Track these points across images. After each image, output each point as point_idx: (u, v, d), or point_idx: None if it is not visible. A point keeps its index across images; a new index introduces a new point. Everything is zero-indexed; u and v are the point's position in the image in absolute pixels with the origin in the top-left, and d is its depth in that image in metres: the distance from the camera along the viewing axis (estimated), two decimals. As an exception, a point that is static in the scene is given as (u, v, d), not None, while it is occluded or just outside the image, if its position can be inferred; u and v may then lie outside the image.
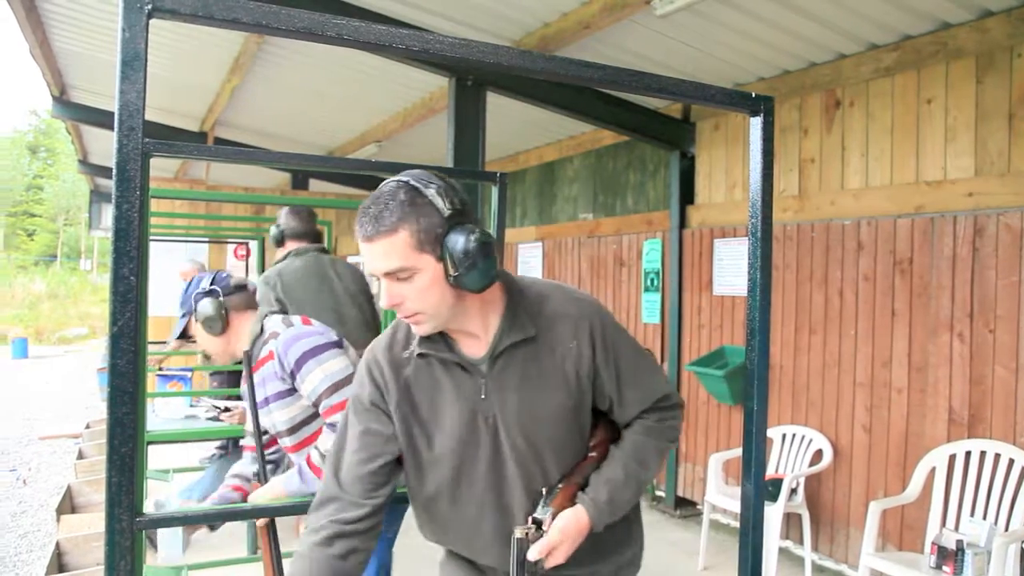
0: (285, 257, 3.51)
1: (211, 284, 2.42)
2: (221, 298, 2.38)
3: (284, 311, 2.51)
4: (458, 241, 1.36)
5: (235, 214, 7.52)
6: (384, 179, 1.46)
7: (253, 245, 7.14)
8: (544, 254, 7.39)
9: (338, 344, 2.34)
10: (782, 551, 4.52)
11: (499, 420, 1.49)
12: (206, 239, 7.44)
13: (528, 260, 7.67)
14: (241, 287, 2.46)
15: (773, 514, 4.01)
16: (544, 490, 1.51)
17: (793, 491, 4.27)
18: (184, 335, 2.46)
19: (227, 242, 7.93)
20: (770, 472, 4.52)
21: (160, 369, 5.37)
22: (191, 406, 4.76)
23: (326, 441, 2.21)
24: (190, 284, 2.43)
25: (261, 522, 2.15)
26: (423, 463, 1.54)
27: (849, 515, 4.35)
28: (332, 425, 2.21)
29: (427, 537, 1.65)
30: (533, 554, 1.43)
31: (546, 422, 1.50)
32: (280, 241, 3.58)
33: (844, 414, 4.38)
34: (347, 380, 2.24)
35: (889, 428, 4.15)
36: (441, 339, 1.51)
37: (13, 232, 40.43)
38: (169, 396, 4.64)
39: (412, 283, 1.39)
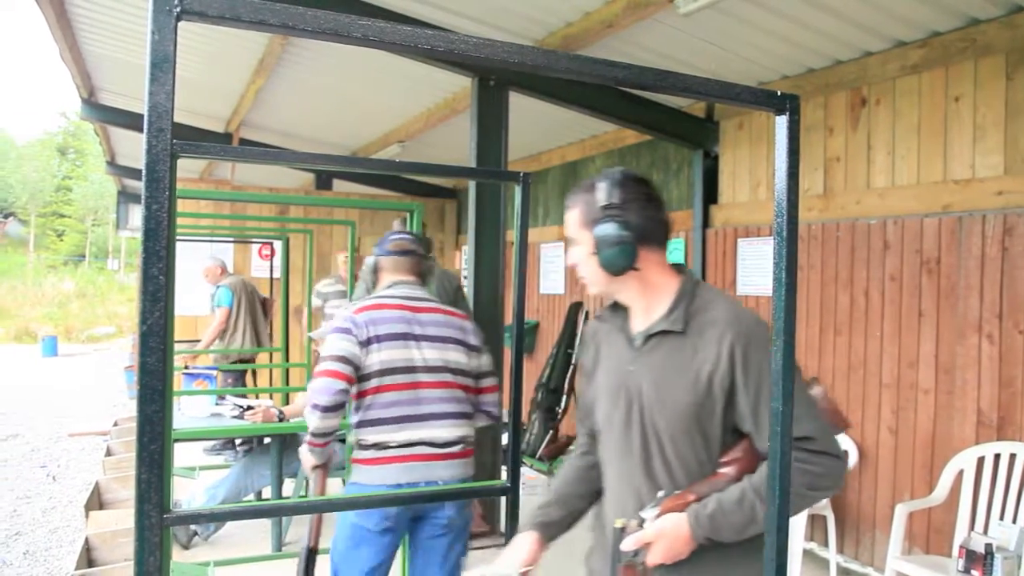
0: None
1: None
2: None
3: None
4: (601, 229, 1.63)
5: (260, 214, 7.55)
6: (407, 179, 1.66)
7: (277, 245, 7.16)
8: (566, 254, 7.38)
9: (346, 330, 2.64)
10: (806, 553, 4.48)
11: (635, 394, 1.65)
12: (231, 239, 7.49)
13: (551, 260, 7.67)
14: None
15: (797, 516, 3.96)
16: (661, 493, 1.59)
17: (818, 493, 4.22)
18: None
19: (252, 242, 7.98)
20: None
21: (186, 368, 5.43)
22: (216, 404, 4.81)
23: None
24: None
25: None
26: (595, 411, 1.78)
27: (875, 517, 4.30)
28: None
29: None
30: (627, 545, 1.55)
31: (669, 415, 1.59)
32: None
33: (870, 415, 4.34)
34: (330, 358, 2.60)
35: (916, 430, 4.10)
36: (623, 310, 1.74)
37: (43, 232, 40.71)
38: (195, 394, 4.71)
39: (578, 251, 1.70)
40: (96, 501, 4.95)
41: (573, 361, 4.44)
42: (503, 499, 2.89)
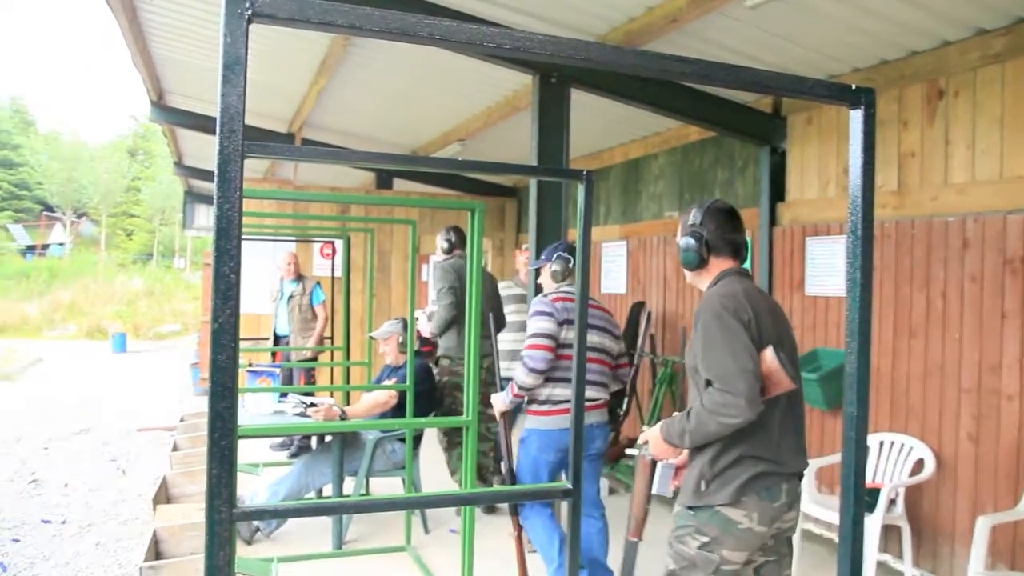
0: (450, 257, 5.55)
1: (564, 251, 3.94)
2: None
3: (462, 288, 5.19)
4: (681, 241, 2.55)
5: (321, 213, 7.70)
6: (467, 178, 1.72)
7: (339, 244, 7.30)
8: (628, 253, 7.33)
9: (552, 314, 3.70)
10: (880, 565, 4.36)
11: None
12: (293, 238, 7.65)
13: (612, 259, 7.62)
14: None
15: (871, 526, 3.87)
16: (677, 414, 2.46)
17: (892, 502, 4.11)
18: None
19: (313, 241, 8.14)
20: (867, 481, 4.35)
21: (250, 365, 5.56)
22: (279, 401, 4.90)
23: (515, 371, 3.71)
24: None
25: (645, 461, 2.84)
26: None
27: (954, 529, 4.16)
28: (521, 357, 3.68)
29: None
30: (640, 440, 2.60)
31: (690, 366, 2.46)
32: (450, 249, 5.58)
33: (948, 422, 4.19)
34: (541, 335, 3.66)
35: (999, 438, 3.95)
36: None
37: (113, 232, 41.32)
38: (259, 392, 4.82)
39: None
40: (163, 495, 5.11)
41: (635, 362, 4.37)
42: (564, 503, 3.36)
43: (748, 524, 2.34)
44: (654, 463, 2.54)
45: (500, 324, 3.99)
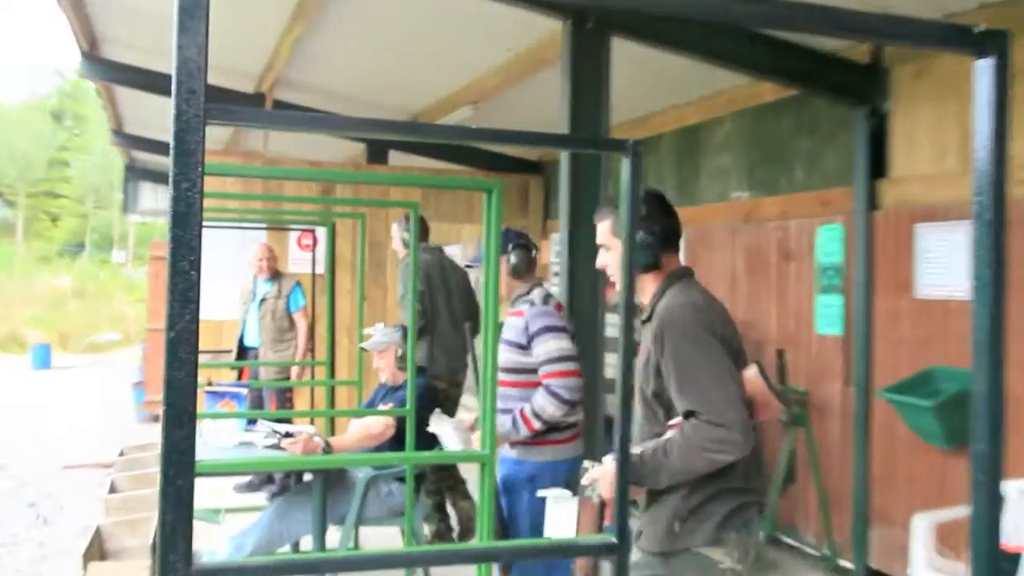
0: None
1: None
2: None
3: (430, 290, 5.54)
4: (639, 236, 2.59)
5: (299, 195, 7.70)
6: (481, 150, 1.76)
7: (320, 233, 7.29)
8: (686, 245, 7.30)
9: (565, 329, 3.88)
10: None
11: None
12: (263, 225, 7.65)
13: (664, 252, 7.58)
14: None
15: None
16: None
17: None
18: None
19: (289, 228, 8.13)
20: (1004, 542, 4.29)
21: (210, 384, 5.57)
22: (246, 430, 4.91)
23: (538, 400, 3.76)
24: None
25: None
26: None
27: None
28: (547, 387, 3.77)
29: None
30: (584, 480, 2.70)
31: (638, 390, 2.66)
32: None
33: (1099, 461, 4.14)
34: (568, 358, 3.80)
35: None
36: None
37: (34, 216, 40.31)
38: (221, 418, 4.80)
39: (610, 255, 2.78)
40: (97, 550, 5.11)
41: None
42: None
43: (729, 563, 2.53)
44: (603, 505, 2.67)
45: (477, 329, 4.10)
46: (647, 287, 2.72)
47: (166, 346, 0.83)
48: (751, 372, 2.50)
